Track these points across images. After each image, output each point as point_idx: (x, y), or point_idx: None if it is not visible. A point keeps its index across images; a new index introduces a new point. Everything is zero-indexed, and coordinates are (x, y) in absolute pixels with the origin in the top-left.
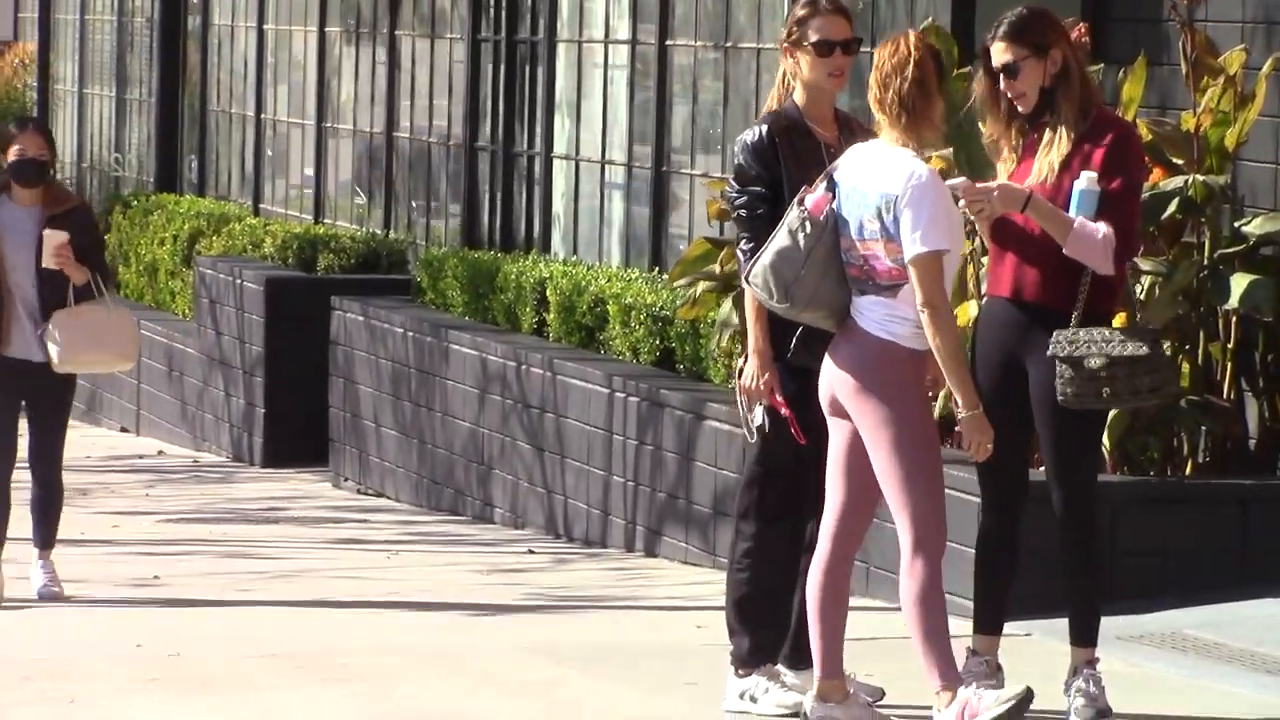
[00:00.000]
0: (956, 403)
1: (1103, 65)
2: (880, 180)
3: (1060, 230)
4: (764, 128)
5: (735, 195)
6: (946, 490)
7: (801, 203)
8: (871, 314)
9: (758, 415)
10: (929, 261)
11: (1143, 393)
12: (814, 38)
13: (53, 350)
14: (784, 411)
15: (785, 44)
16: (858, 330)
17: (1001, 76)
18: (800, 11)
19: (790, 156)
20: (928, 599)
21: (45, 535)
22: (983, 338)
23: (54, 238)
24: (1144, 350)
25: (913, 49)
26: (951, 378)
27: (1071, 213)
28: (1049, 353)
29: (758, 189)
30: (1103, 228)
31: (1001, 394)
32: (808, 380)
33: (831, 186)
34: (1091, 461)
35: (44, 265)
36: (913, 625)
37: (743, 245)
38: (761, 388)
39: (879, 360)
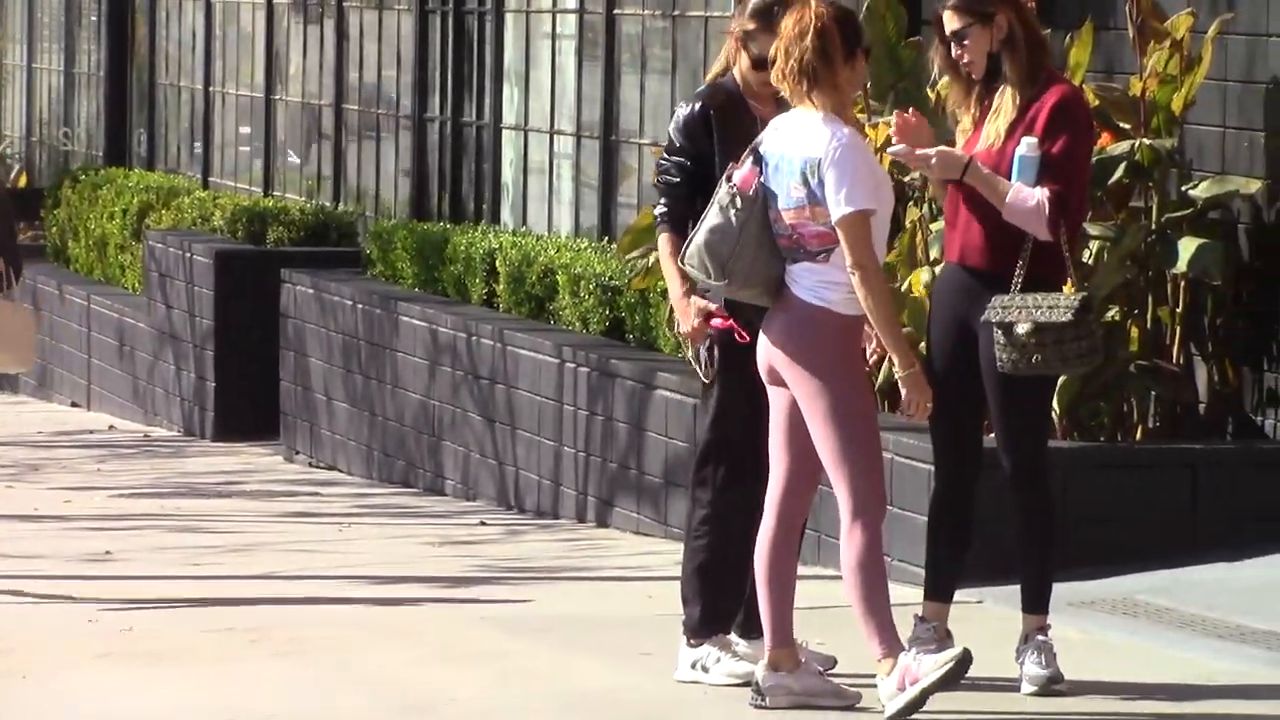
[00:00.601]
0: (894, 363)
1: (1050, 30)
2: (803, 145)
3: (997, 196)
4: (698, 104)
5: (661, 162)
6: (899, 457)
7: (730, 179)
8: (804, 281)
9: (701, 355)
10: (856, 222)
11: (1071, 360)
12: (755, 51)
13: None
14: (722, 322)
15: (731, 31)
16: (792, 299)
17: (952, 44)
18: (749, 24)
19: (726, 131)
20: (867, 567)
21: None
22: (937, 304)
23: None
24: (1068, 317)
25: (814, 16)
26: (885, 338)
27: (1013, 179)
28: (982, 318)
29: (680, 159)
30: (1038, 193)
31: (954, 360)
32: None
33: (759, 160)
34: (1041, 427)
35: None
36: (853, 594)
37: (656, 210)
38: (696, 323)
39: (813, 329)
